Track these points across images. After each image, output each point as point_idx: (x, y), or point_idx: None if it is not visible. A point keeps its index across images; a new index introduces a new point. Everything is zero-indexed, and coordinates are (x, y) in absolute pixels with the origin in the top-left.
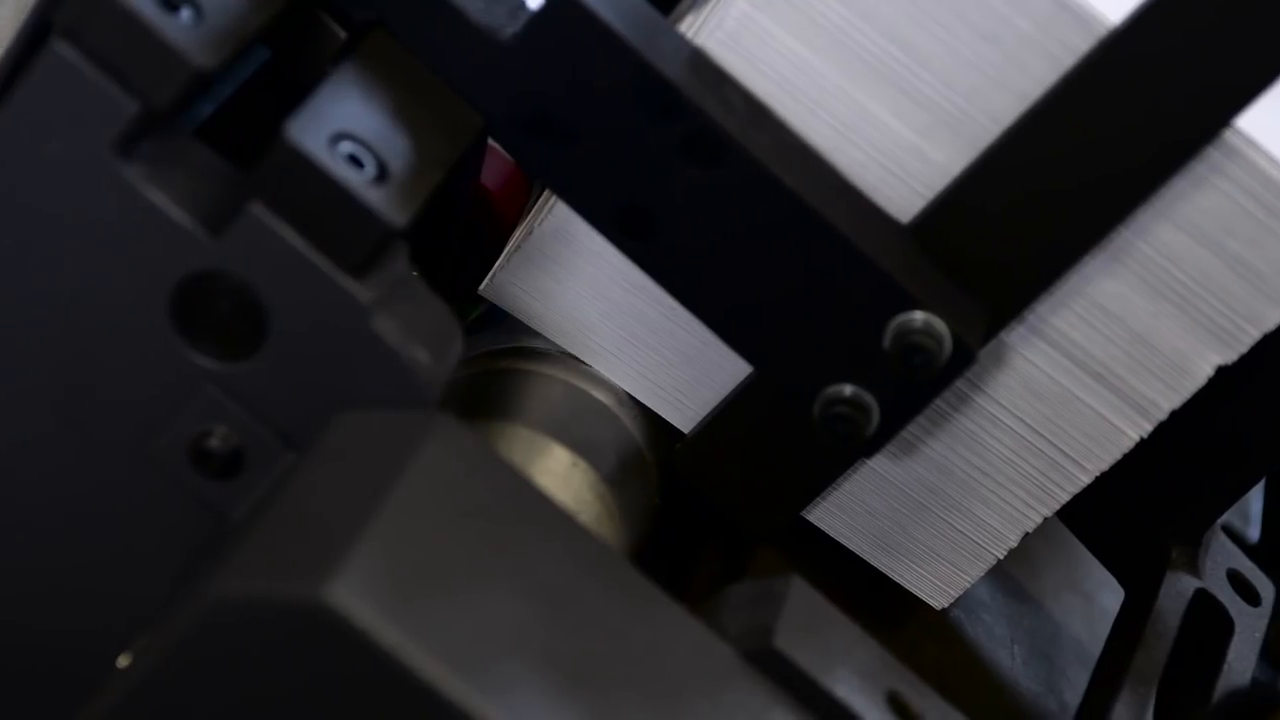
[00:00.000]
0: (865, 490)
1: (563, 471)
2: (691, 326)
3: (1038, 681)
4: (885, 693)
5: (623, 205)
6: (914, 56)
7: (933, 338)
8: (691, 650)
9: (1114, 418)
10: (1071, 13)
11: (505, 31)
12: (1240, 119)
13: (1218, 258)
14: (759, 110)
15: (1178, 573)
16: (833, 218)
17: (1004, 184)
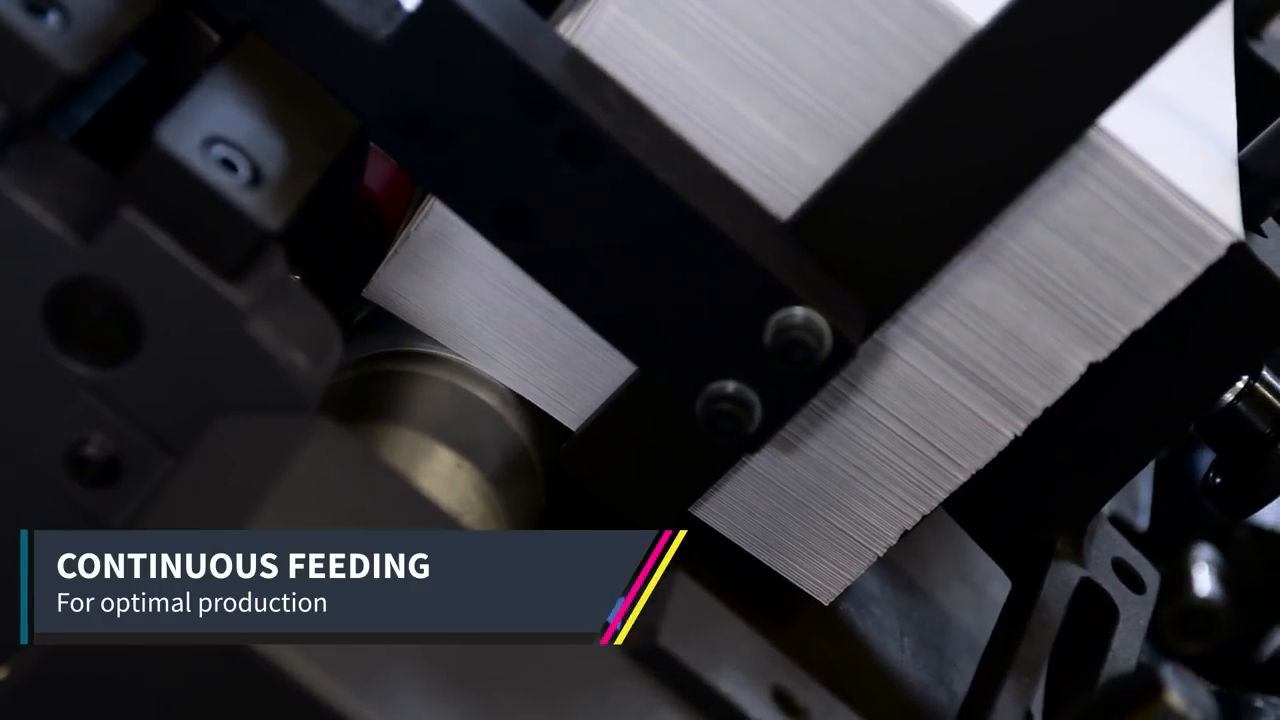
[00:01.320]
0: (746, 490)
1: (447, 473)
2: (570, 329)
3: (928, 673)
4: (771, 688)
5: (502, 205)
6: (783, 59)
7: (813, 333)
8: (575, 649)
9: (988, 416)
10: (937, 15)
11: (380, 33)
12: (1105, 118)
13: (1086, 256)
14: (636, 109)
15: (1063, 562)
16: (711, 215)
17: (875, 184)
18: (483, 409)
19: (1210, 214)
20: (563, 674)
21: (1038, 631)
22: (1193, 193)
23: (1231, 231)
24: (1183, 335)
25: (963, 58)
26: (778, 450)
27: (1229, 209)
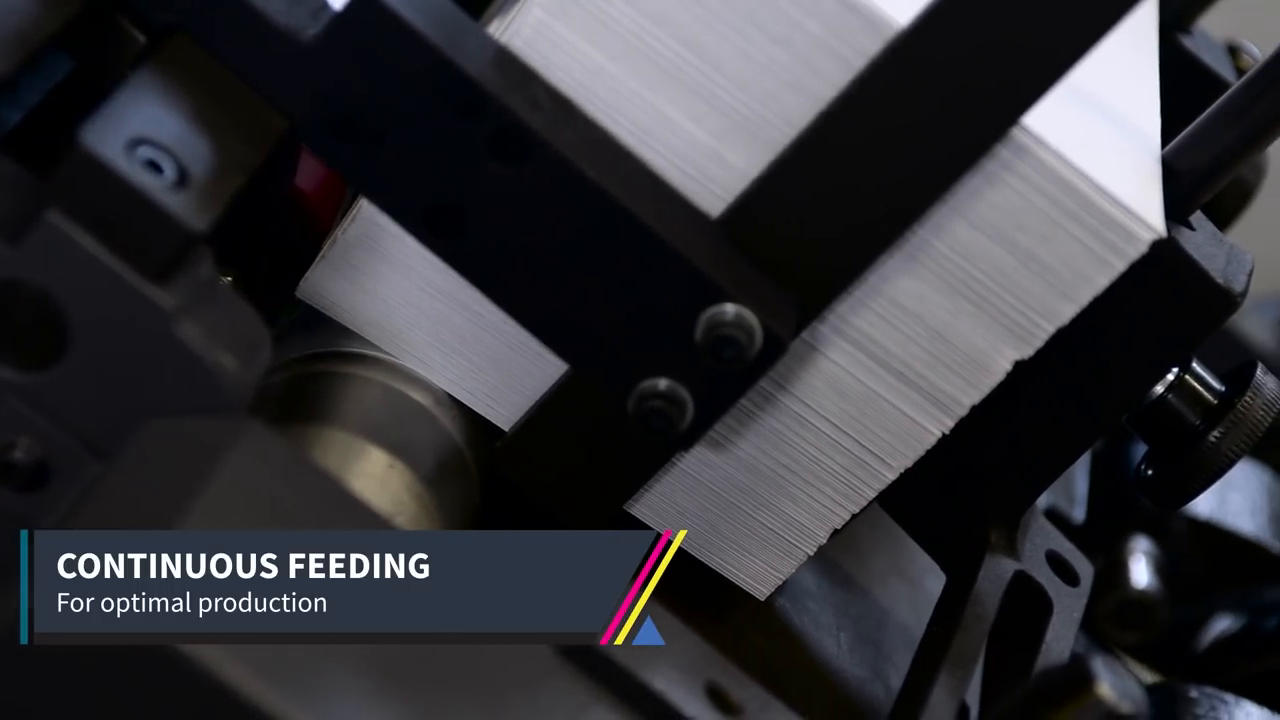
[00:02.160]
0: (677, 491)
1: (380, 474)
2: (499, 332)
3: (864, 667)
4: (705, 685)
5: (431, 205)
6: (708, 61)
7: (743, 330)
8: (506, 650)
9: (916, 415)
10: (859, 15)
11: (307, 33)
12: (1028, 117)
13: (1011, 254)
14: (566, 107)
15: (997, 556)
16: (641, 213)
17: (801, 184)
18: (415, 409)
19: (1133, 211)
20: (496, 674)
21: (972, 625)
22: (1115, 190)
23: (1154, 229)
24: (1113, 329)
25: (885, 58)
26: (708, 451)
27: (1152, 206)
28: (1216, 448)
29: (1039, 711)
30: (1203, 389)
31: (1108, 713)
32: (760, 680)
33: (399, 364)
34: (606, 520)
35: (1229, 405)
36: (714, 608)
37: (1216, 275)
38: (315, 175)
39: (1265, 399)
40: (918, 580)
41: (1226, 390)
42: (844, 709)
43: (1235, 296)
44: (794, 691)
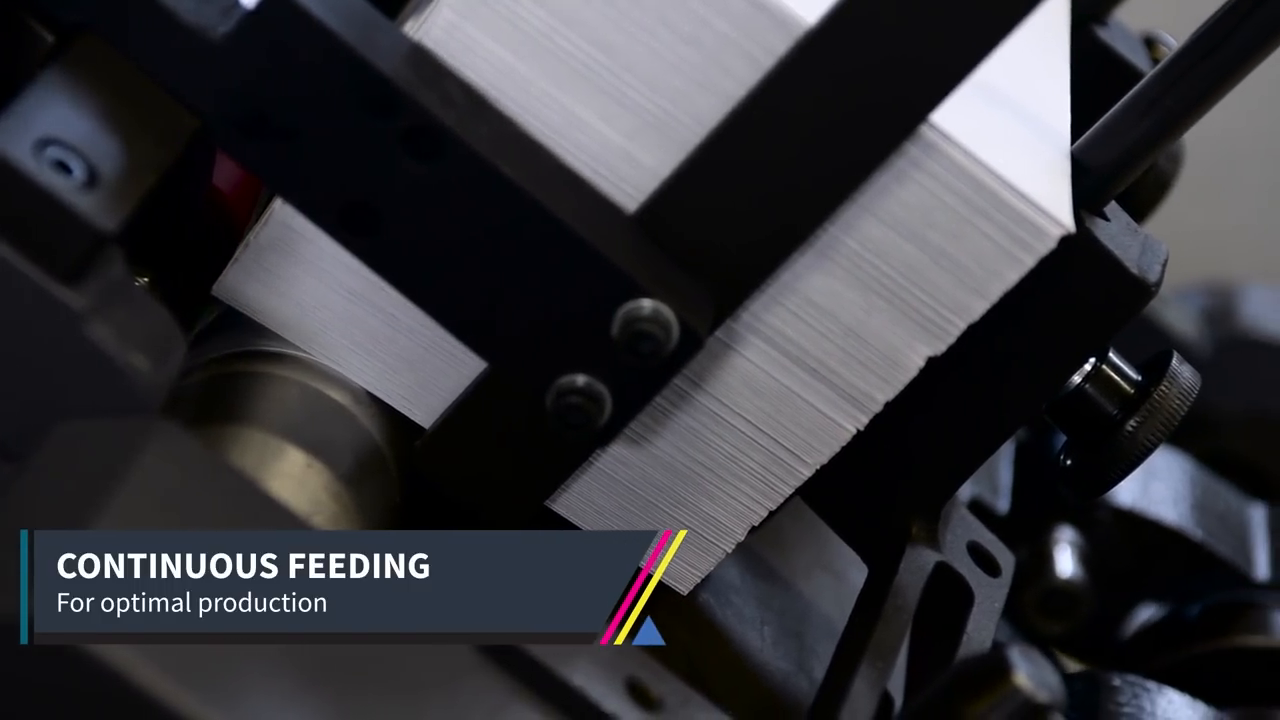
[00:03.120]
0: (594, 491)
1: (297, 474)
2: (413, 334)
3: (788, 660)
4: (625, 680)
5: (345, 203)
6: (618, 60)
7: (660, 325)
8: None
9: (831, 412)
10: (768, 14)
11: (217, 31)
12: (937, 114)
13: (922, 251)
14: (480, 104)
15: (918, 547)
16: (556, 208)
17: (713, 182)
18: (333, 408)
19: (1041, 207)
20: (414, 672)
21: (892, 617)
22: (1024, 187)
23: (1062, 224)
24: (1029, 320)
25: (793, 57)
26: (624, 450)
27: (1060, 202)
28: (1133, 437)
29: (957, 702)
30: (1119, 379)
31: (1025, 702)
32: (683, 675)
33: (318, 362)
34: (527, 518)
35: (1145, 394)
36: None
37: (1131, 265)
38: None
39: (1181, 388)
40: (842, 573)
41: (1143, 380)
42: (768, 702)
43: (1150, 286)
44: (717, 685)
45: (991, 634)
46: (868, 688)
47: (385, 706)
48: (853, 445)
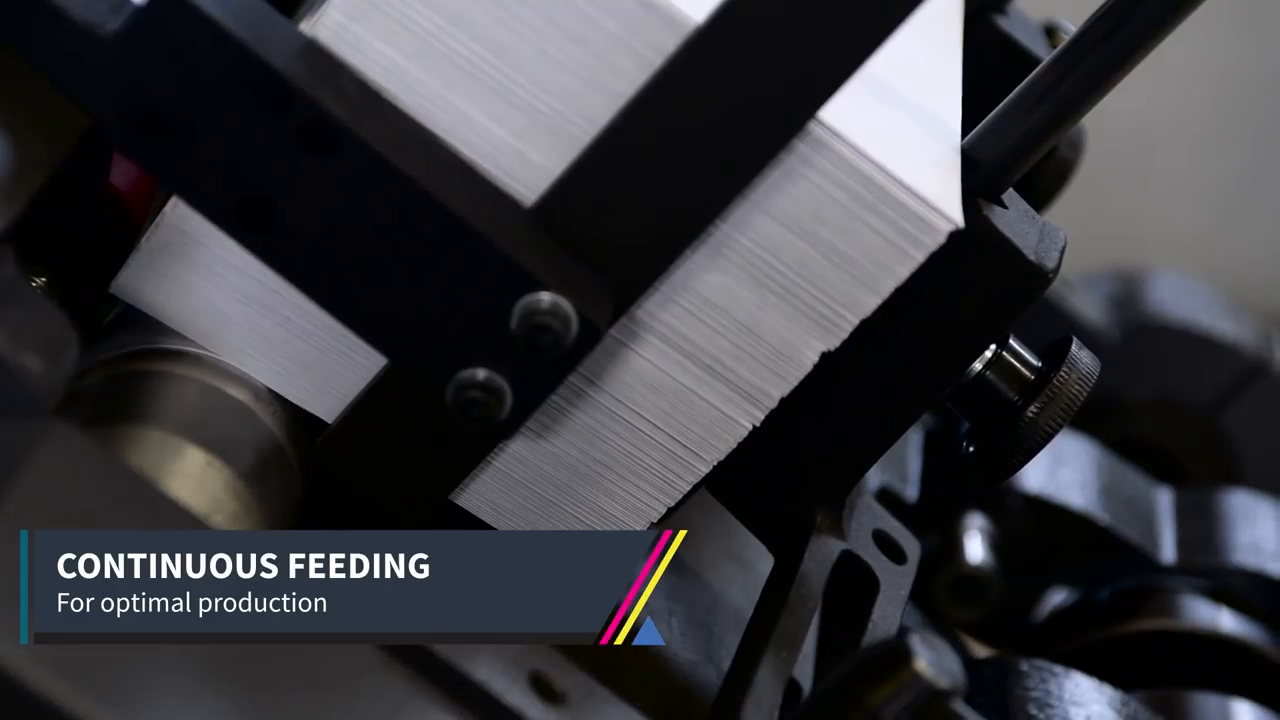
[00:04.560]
0: (493, 491)
1: (197, 473)
2: (308, 336)
3: (695, 651)
4: (528, 674)
5: (241, 199)
6: (506, 60)
7: (559, 318)
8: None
9: (727, 408)
10: (656, 13)
11: (107, 28)
12: (825, 111)
13: (813, 247)
14: (374, 98)
15: (823, 536)
16: (452, 202)
17: (606, 179)
18: (233, 405)
19: (930, 202)
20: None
21: (797, 606)
22: (913, 182)
23: (951, 219)
24: (928, 308)
25: (681, 55)
26: (522, 449)
27: (950, 196)
28: (1034, 422)
29: (858, 689)
30: (1020, 365)
31: (926, 688)
32: (590, 667)
33: (218, 360)
34: (431, 514)
35: (1046, 380)
36: None
37: (1029, 252)
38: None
39: (1080, 373)
40: (751, 563)
41: (1043, 366)
42: (675, 693)
43: (1047, 273)
44: (624, 677)
45: (897, 621)
46: (772, 677)
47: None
48: (755, 436)
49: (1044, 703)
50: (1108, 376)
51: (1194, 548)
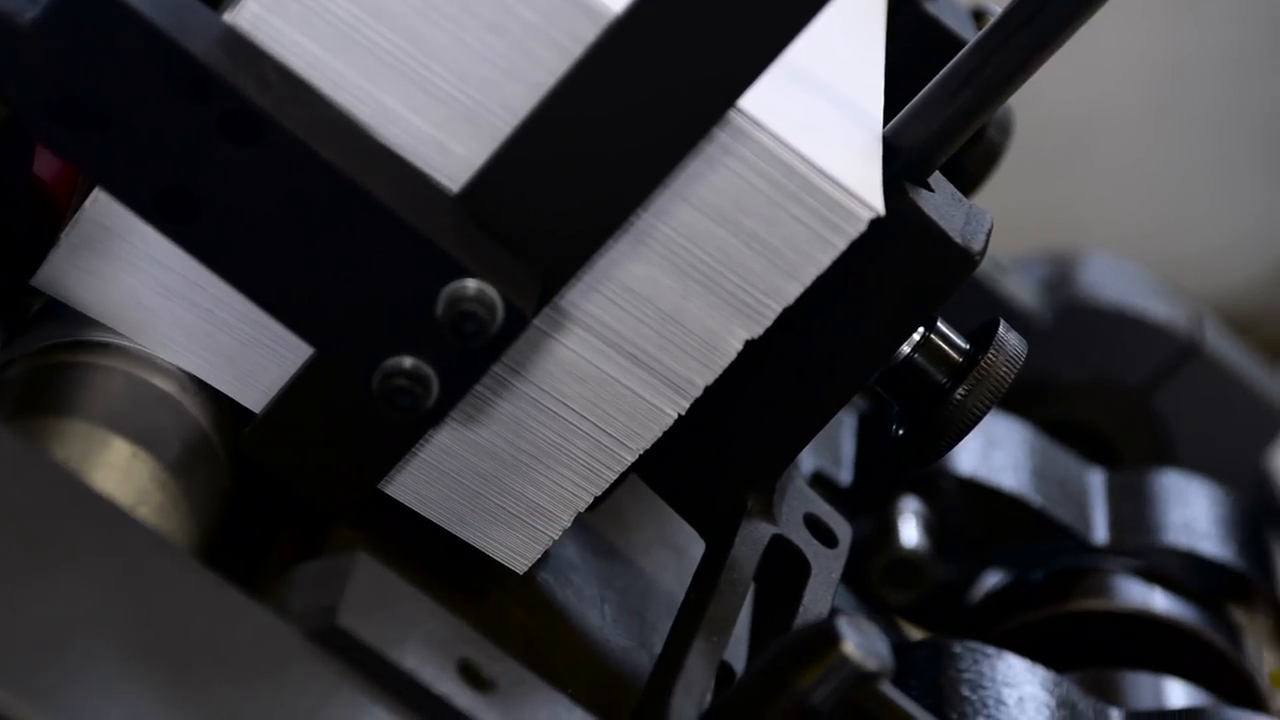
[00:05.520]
0: (419, 483)
1: (123, 464)
2: (231, 329)
3: (629, 637)
4: (457, 662)
5: (162, 189)
6: (424, 50)
7: (484, 305)
8: (251, 635)
9: (652, 397)
10: (575, 2)
11: (24, 15)
12: (745, 100)
13: (735, 236)
14: (298, 86)
15: (754, 521)
16: (376, 190)
17: (528, 168)
18: (159, 396)
19: (850, 190)
20: (240, 659)
21: (728, 590)
22: (833, 170)
23: (871, 207)
24: (855, 291)
25: (600, 44)
26: (448, 441)
27: (871, 183)
28: (962, 404)
29: (786, 673)
30: (948, 347)
31: (854, 671)
32: (522, 654)
33: (144, 351)
34: (358, 503)
35: (974, 362)
36: (475, 584)
37: (955, 235)
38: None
39: (1008, 354)
40: (684, 549)
41: (971, 348)
42: (607, 679)
43: (974, 255)
44: (556, 664)
45: (829, 604)
46: (703, 662)
47: (210, 695)
48: (684, 422)
49: (976, 684)
50: (1041, 359)
51: (1126, 528)
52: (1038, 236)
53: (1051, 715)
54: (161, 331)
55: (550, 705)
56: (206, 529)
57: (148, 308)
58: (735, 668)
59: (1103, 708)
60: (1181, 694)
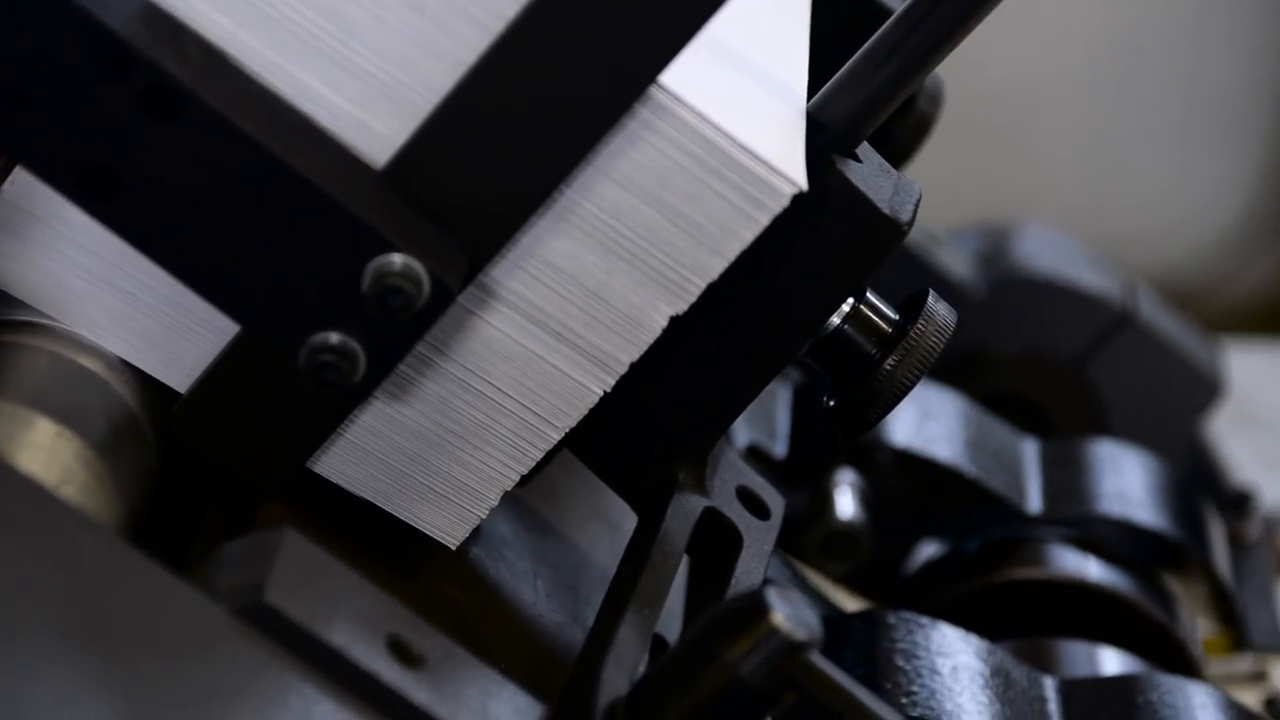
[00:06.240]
0: (345, 463)
1: (47, 444)
2: (154, 312)
3: (562, 612)
4: (387, 638)
5: (84, 166)
6: (343, 28)
7: (410, 279)
8: (177, 614)
9: (577, 374)
10: None
11: None
12: (667, 75)
13: (658, 212)
14: (220, 61)
15: (686, 494)
16: (299, 164)
17: (452, 145)
18: (84, 375)
19: (773, 165)
20: (167, 638)
21: (660, 563)
22: (755, 145)
23: (794, 182)
24: (785, 262)
25: (521, 21)
26: (374, 422)
27: (794, 158)
28: (892, 375)
29: (715, 644)
30: (877, 318)
31: (783, 641)
32: (453, 630)
33: (69, 330)
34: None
35: (903, 333)
36: (407, 561)
37: (882, 205)
38: None
39: (937, 325)
40: (618, 523)
41: (900, 318)
42: (540, 654)
43: (902, 225)
44: (489, 639)
45: (761, 575)
46: (634, 635)
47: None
48: (613, 397)
49: (911, 654)
50: (975, 331)
51: (1061, 498)
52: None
53: (985, 684)
54: (85, 313)
55: (481, 680)
56: (133, 508)
57: (70, 290)
58: (670, 640)
59: (1037, 676)
60: (1115, 661)
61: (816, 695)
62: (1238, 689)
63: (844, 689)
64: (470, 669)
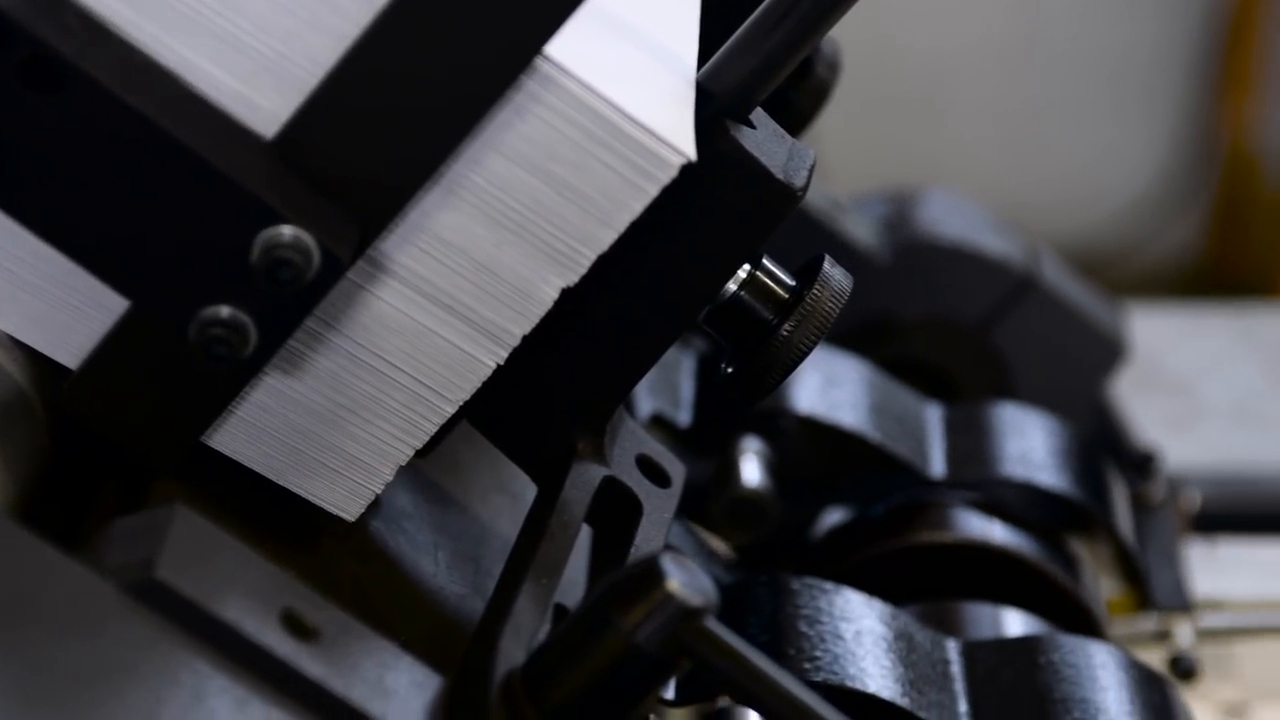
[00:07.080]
0: (238, 440)
1: None
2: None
3: (462, 584)
4: (280, 612)
5: None
6: (226, 3)
7: (300, 251)
8: (66, 592)
9: (469, 347)
10: None
11: None
12: (553, 47)
13: (546, 184)
14: (103, 33)
15: (585, 463)
16: (185, 137)
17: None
18: None
19: (661, 136)
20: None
21: (558, 532)
22: (643, 116)
23: (682, 153)
24: (680, 229)
25: None
26: (265, 398)
27: (682, 128)
28: (789, 340)
29: (611, 612)
30: (774, 284)
31: (678, 608)
32: (351, 604)
33: None
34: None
35: (799, 299)
36: (304, 535)
37: (776, 170)
38: None
39: (833, 290)
40: (519, 494)
41: (797, 284)
42: (441, 626)
43: (796, 190)
44: (388, 612)
45: (661, 543)
46: (532, 604)
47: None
48: (509, 368)
49: (814, 619)
50: (880, 297)
51: (964, 461)
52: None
53: (889, 648)
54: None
55: (377, 653)
56: (23, 486)
57: None
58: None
59: (940, 639)
60: (1018, 623)
61: (712, 661)
62: (1142, 649)
63: (739, 654)
64: (367, 642)
